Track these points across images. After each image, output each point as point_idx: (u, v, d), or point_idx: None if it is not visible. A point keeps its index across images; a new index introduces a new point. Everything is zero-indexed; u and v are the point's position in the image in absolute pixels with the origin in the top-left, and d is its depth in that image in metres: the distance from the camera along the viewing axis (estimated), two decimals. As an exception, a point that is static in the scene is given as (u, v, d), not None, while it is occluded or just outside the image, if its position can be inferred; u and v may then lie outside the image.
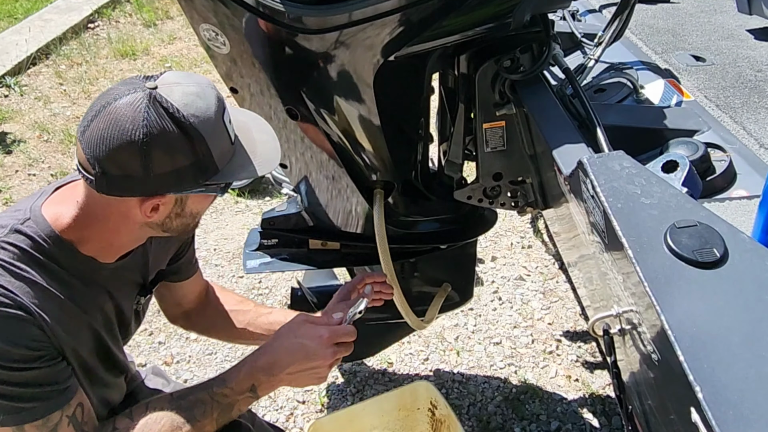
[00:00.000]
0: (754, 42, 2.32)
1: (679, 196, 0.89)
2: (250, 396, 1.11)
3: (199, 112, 0.95)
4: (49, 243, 1.01)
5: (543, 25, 1.31)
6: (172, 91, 0.94)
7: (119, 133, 0.91)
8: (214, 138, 0.97)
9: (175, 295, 1.46)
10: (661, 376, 0.81)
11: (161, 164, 0.94)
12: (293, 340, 1.11)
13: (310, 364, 1.10)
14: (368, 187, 1.52)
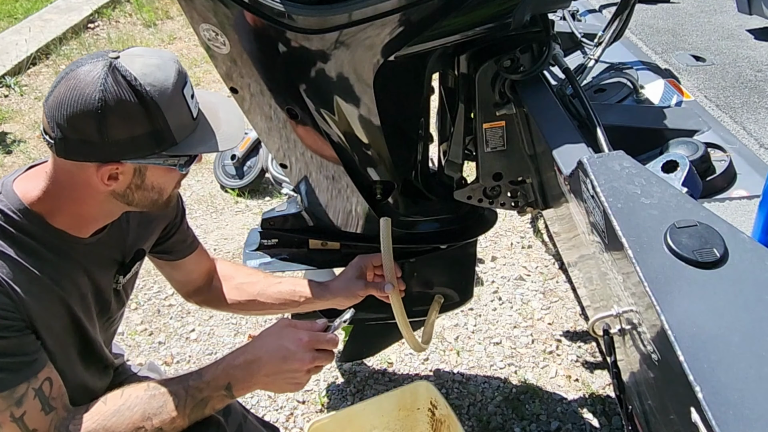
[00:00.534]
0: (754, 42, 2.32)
1: (679, 196, 0.89)
2: (225, 394, 1.11)
3: (157, 83, 0.98)
4: (19, 216, 1.03)
5: (543, 25, 1.31)
6: (133, 61, 0.98)
7: (77, 98, 0.94)
8: (172, 109, 1.00)
9: (180, 273, 1.48)
10: (661, 376, 0.81)
11: (116, 130, 0.96)
12: (273, 342, 1.11)
13: (288, 366, 1.10)
14: (368, 187, 1.52)
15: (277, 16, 1.16)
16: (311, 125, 1.38)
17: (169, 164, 1.06)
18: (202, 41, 1.29)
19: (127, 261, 1.27)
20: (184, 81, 1.03)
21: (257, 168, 3.37)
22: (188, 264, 1.47)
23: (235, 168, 3.42)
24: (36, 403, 1.02)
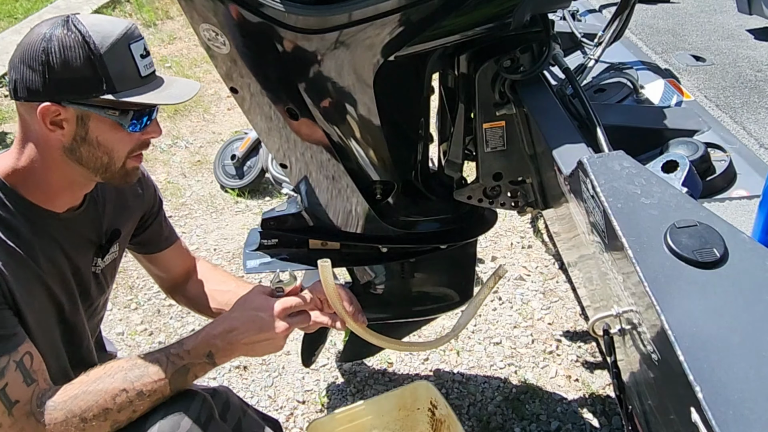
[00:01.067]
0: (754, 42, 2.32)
1: (679, 196, 0.89)
2: (206, 362, 1.15)
3: (104, 32, 1.04)
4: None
5: (543, 25, 1.31)
6: (88, 17, 1.06)
7: (29, 41, 1.04)
8: (114, 58, 1.05)
9: (157, 268, 1.52)
10: (661, 375, 0.81)
11: (57, 70, 1.02)
12: (248, 312, 1.18)
13: (264, 335, 1.17)
14: (368, 187, 1.52)
15: (277, 16, 1.16)
16: (311, 125, 1.38)
17: (110, 116, 1.08)
18: (202, 41, 1.29)
19: (104, 242, 1.29)
20: (133, 38, 1.08)
21: (257, 168, 3.37)
22: (166, 258, 1.50)
23: (235, 168, 3.42)
24: (17, 375, 1.03)
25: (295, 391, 2.16)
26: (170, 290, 1.58)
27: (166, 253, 1.50)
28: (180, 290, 1.57)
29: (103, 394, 1.06)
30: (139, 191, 1.42)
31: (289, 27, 1.17)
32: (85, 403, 1.05)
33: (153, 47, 5.06)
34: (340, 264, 1.86)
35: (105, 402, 1.06)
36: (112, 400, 1.06)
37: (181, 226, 3.15)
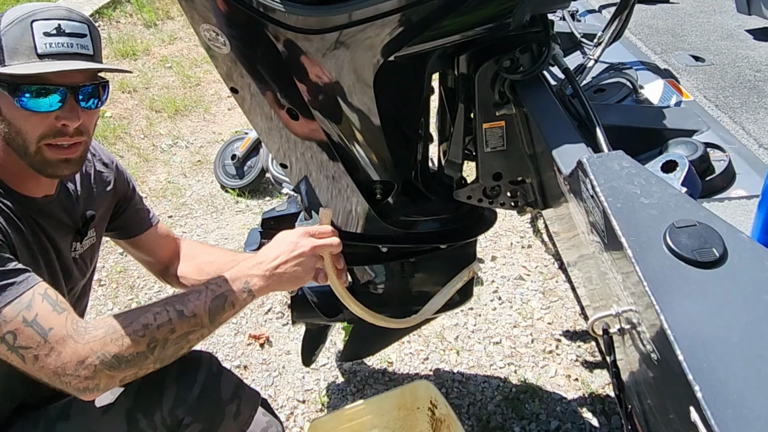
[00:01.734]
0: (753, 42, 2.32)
1: (679, 196, 0.89)
2: (243, 291, 1.19)
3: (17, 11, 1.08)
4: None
5: (543, 25, 1.31)
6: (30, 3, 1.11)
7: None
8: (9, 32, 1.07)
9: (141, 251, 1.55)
10: (660, 375, 0.81)
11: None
12: (278, 243, 1.28)
13: (295, 253, 1.25)
14: (368, 187, 1.52)
15: (277, 17, 1.16)
16: (311, 125, 1.39)
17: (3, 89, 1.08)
18: (203, 41, 1.29)
19: (81, 227, 1.32)
20: (40, 17, 1.08)
21: (257, 168, 3.37)
22: (147, 241, 1.53)
23: (236, 168, 3.42)
24: (46, 305, 1.05)
25: (296, 391, 2.16)
26: (161, 274, 1.61)
27: (146, 236, 1.53)
28: (170, 272, 1.60)
29: (145, 312, 1.10)
30: (108, 179, 1.46)
31: (290, 27, 1.17)
32: (125, 320, 1.08)
33: (153, 47, 5.06)
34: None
35: (145, 318, 1.09)
36: (152, 317, 1.09)
37: (181, 225, 3.16)
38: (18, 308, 1.02)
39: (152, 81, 4.46)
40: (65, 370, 1.03)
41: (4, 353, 1.03)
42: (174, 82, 4.48)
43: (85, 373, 1.03)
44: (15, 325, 1.01)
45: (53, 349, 1.02)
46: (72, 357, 1.03)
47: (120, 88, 4.28)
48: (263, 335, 2.40)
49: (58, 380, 1.04)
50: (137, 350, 1.07)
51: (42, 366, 1.02)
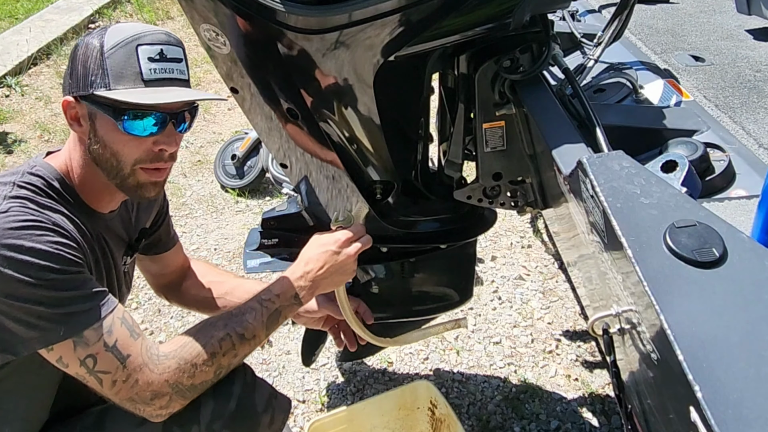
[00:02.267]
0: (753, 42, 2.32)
1: (679, 196, 0.89)
2: (294, 303, 1.25)
3: (118, 33, 1.09)
4: (57, 182, 1.13)
5: (543, 25, 1.32)
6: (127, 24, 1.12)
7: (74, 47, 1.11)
8: (116, 55, 1.08)
9: (157, 266, 1.55)
10: (660, 375, 0.81)
11: (76, 65, 1.09)
12: (317, 249, 1.30)
13: (338, 259, 1.29)
14: (368, 187, 1.53)
15: (277, 17, 1.16)
16: (311, 125, 1.39)
17: (107, 113, 1.09)
18: (203, 41, 1.29)
19: (133, 241, 1.34)
20: (148, 42, 1.09)
21: (257, 168, 3.37)
22: (167, 257, 1.53)
23: (236, 168, 3.42)
24: (124, 331, 1.07)
25: (296, 391, 2.16)
26: (163, 288, 1.61)
27: (168, 253, 1.53)
28: (173, 289, 1.59)
29: (210, 340, 1.13)
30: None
31: (290, 27, 1.17)
32: (194, 350, 1.11)
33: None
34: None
35: (212, 347, 1.12)
36: (218, 345, 1.13)
37: (181, 225, 3.15)
38: (100, 332, 1.04)
39: (152, 81, 4.47)
40: (140, 398, 1.07)
41: (82, 375, 1.05)
42: (174, 82, 4.49)
43: (160, 403, 1.09)
44: (96, 349, 1.04)
45: (130, 376, 1.06)
46: (147, 387, 1.07)
47: (120, 88, 4.30)
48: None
49: (132, 406, 1.08)
50: (206, 378, 1.13)
51: (118, 391, 1.06)
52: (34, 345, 1.02)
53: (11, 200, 1.04)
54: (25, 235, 1.00)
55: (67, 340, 1.02)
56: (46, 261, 1.00)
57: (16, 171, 1.12)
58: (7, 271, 0.97)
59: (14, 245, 0.98)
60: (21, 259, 0.98)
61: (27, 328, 1.00)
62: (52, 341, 1.02)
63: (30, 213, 1.03)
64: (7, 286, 0.97)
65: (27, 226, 1.01)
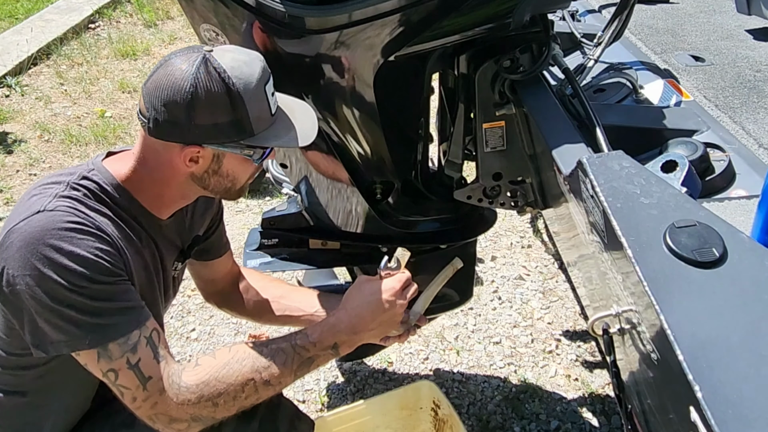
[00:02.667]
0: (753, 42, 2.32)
1: (679, 196, 0.89)
2: (331, 353, 1.19)
3: (243, 76, 1.05)
4: (113, 188, 1.12)
5: (543, 25, 1.32)
6: (224, 55, 1.05)
7: (172, 84, 1.02)
8: (253, 102, 1.06)
9: (208, 272, 1.53)
10: (660, 375, 0.81)
11: (202, 116, 1.04)
12: (368, 298, 1.22)
13: (390, 313, 1.22)
14: (368, 187, 1.52)
15: (277, 17, 1.16)
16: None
17: (245, 154, 1.12)
18: (203, 41, 1.29)
19: (186, 247, 1.34)
20: (267, 78, 1.09)
21: (257, 168, 3.36)
22: (218, 263, 1.51)
23: (236, 168, 3.41)
24: (149, 351, 1.07)
25: (296, 391, 2.16)
26: (213, 296, 1.58)
27: (220, 260, 1.51)
28: (223, 295, 1.57)
29: (233, 381, 1.10)
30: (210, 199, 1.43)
31: (290, 27, 1.17)
32: (216, 390, 1.09)
33: (154, 47, 5.06)
34: (340, 264, 1.86)
35: (234, 390, 1.10)
36: (241, 388, 1.10)
37: (181, 226, 3.15)
38: (124, 349, 1.04)
39: (152, 81, 4.47)
40: (159, 420, 1.08)
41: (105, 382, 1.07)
42: (174, 82, 4.49)
43: (178, 427, 1.09)
44: (118, 365, 1.04)
45: (150, 397, 1.06)
46: (165, 412, 1.07)
47: (120, 88, 4.29)
48: (263, 335, 2.40)
49: (151, 423, 1.08)
50: (226, 414, 1.12)
51: (138, 407, 1.07)
52: (61, 347, 1.03)
53: (61, 199, 1.05)
54: (67, 237, 1.01)
55: (92, 350, 1.03)
56: (83, 267, 1.00)
57: (73, 171, 1.12)
58: (46, 270, 0.98)
59: (56, 246, 0.99)
60: (59, 261, 0.99)
61: (56, 330, 1.01)
62: (78, 347, 1.03)
63: (75, 215, 1.04)
64: (45, 284, 0.99)
65: (70, 228, 1.01)
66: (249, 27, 1.22)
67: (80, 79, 4.38)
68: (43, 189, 1.07)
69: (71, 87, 4.31)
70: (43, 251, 0.99)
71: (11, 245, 1.00)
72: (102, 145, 3.62)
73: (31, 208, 1.03)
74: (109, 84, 4.34)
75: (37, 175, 3.36)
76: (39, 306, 1.00)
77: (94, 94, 4.23)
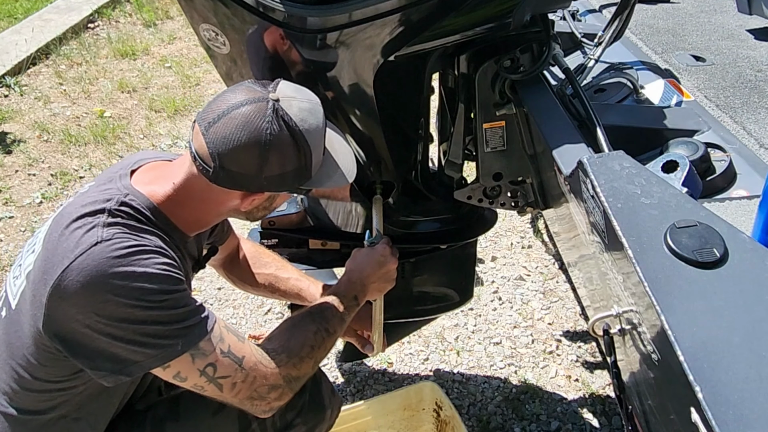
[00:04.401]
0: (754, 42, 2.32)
1: (679, 196, 0.89)
2: (354, 304, 1.32)
3: (311, 127, 1.09)
4: (150, 212, 1.12)
5: (543, 25, 1.31)
6: (291, 105, 1.07)
7: (245, 137, 1.03)
8: (317, 150, 1.11)
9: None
10: (661, 376, 0.81)
11: (273, 167, 1.07)
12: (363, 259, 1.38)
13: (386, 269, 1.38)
14: (368, 187, 1.52)
15: (277, 16, 1.16)
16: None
17: (298, 193, 1.17)
18: (202, 41, 1.29)
19: (201, 259, 1.38)
20: (326, 124, 1.14)
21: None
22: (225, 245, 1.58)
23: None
24: (231, 336, 1.12)
25: (295, 391, 2.16)
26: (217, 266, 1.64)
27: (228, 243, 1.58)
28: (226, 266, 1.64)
29: (307, 332, 1.20)
30: None
31: (290, 27, 1.17)
32: (298, 343, 1.19)
33: (153, 47, 5.06)
34: (340, 264, 1.85)
35: (310, 340, 1.20)
36: (314, 338, 1.21)
37: (181, 226, 3.15)
38: (215, 341, 1.08)
39: (152, 81, 4.46)
40: (259, 394, 1.13)
41: (201, 385, 1.09)
42: (173, 82, 4.47)
43: (274, 395, 1.15)
44: (214, 357, 1.08)
45: (248, 375, 1.11)
46: (264, 381, 1.13)
47: (119, 88, 4.28)
48: (263, 335, 2.39)
49: (251, 404, 1.13)
50: (308, 371, 1.20)
51: (238, 392, 1.11)
52: (150, 364, 1.04)
53: (111, 227, 1.04)
54: (134, 261, 1.01)
55: (185, 354, 1.05)
56: (159, 284, 1.02)
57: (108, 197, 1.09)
58: (121, 299, 0.99)
59: (126, 273, 1.00)
60: (135, 286, 1.00)
61: (143, 348, 1.02)
62: (171, 357, 1.04)
63: (133, 238, 1.05)
64: (122, 312, 0.99)
65: (134, 252, 1.02)
66: (249, 27, 1.22)
67: (79, 79, 4.38)
68: (84, 220, 1.05)
69: (70, 87, 4.31)
70: (115, 281, 0.99)
71: (73, 283, 0.99)
72: (101, 145, 3.62)
73: (85, 241, 1.01)
74: (108, 84, 4.34)
75: (36, 175, 3.36)
76: (120, 332, 1.00)
77: (93, 94, 4.23)
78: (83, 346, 1.02)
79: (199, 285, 2.64)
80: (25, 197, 3.19)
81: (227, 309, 2.53)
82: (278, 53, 1.25)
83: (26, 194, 3.21)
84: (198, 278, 2.65)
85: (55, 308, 1.00)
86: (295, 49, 1.23)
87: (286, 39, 1.21)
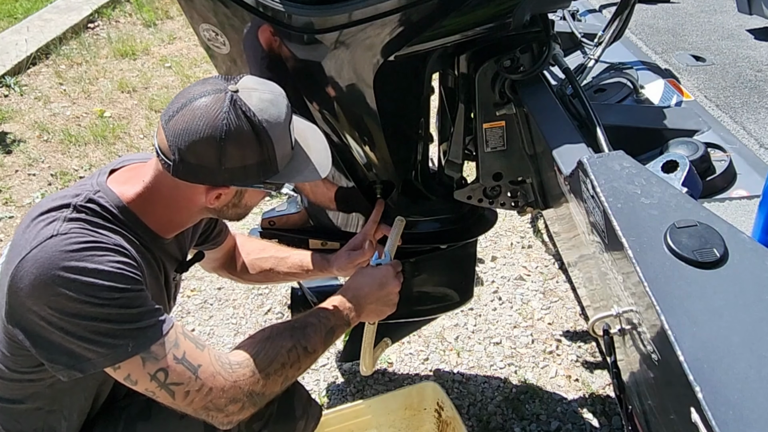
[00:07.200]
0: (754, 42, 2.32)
1: (679, 196, 0.89)
2: (344, 324, 1.28)
3: (272, 118, 1.06)
4: (119, 210, 1.11)
5: (543, 25, 1.31)
6: (251, 96, 1.06)
7: (202, 128, 1.02)
8: (280, 142, 1.08)
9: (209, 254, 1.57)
10: (661, 376, 0.81)
11: (233, 159, 1.05)
12: (364, 279, 1.35)
13: (386, 290, 1.35)
14: (368, 187, 1.52)
15: (277, 16, 1.16)
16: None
17: (267, 189, 1.14)
18: (202, 41, 1.29)
19: (185, 260, 1.36)
20: (291, 116, 1.11)
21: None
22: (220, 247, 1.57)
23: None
24: (189, 343, 1.09)
25: (295, 391, 2.16)
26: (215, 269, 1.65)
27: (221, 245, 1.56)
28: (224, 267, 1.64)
29: (280, 350, 1.15)
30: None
31: (290, 27, 1.17)
32: (267, 359, 1.14)
33: (153, 47, 5.06)
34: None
35: (281, 357, 1.15)
36: (287, 356, 1.15)
37: (181, 226, 3.15)
38: (168, 346, 1.05)
39: (151, 81, 4.46)
40: (215, 405, 1.08)
41: (152, 390, 1.06)
42: (173, 81, 4.47)
43: (234, 408, 1.10)
44: (166, 362, 1.05)
45: (204, 385, 1.07)
46: (222, 394, 1.08)
47: (119, 87, 4.28)
48: (263, 335, 2.39)
49: (206, 414, 1.09)
50: (275, 389, 1.15)
51: (191, 401, 1.07)
52: (101, 363, 1.03)
53: (71, 222, 1.04)
54: (87, 257, 1.00)
55: (135, 357, 1.03)
56: (111, 281, 1.01)
57: (77, 192, 1.10)
58: (72, 293, 0.98)
59: (77, 267, 0.99)
60: (85, 281, 0.99)
61: (94, 346, 1.01)
62: (121, 358, 1.02)
63: (90, 234, 1.04)
64: (72, 307, 0.98)
65: (88, 248, 1.01)
66: (248, 27, 1.22)
67: (79, 79, 4.38)
68: (48, 214, 1.06)
69: (70, 87, 4.31)
70: (66, 275, 0.98)
71: (27, 274, 0.99)
72: (101, 145, 3.62)
73: (42, 234, 1.02)
74: (108, 84, 4.34)
75: (36, 175, 3.36)
76: (71, 327, 0.99)
77: (93, 94, 4.23)
78: (42, 338, 1.02)
79: (199, 285, 2.64)
80: (25, 197, 3.19)
81: (227, 309, 2.53)
82: (277, 53, 1.25)
83: (26, 194, 3.21)
84: (198, 278, 2.65)
85: (14, 299, 1.01)
86: (295, 49, 1.23)
87: (286, 39, 1.21)
